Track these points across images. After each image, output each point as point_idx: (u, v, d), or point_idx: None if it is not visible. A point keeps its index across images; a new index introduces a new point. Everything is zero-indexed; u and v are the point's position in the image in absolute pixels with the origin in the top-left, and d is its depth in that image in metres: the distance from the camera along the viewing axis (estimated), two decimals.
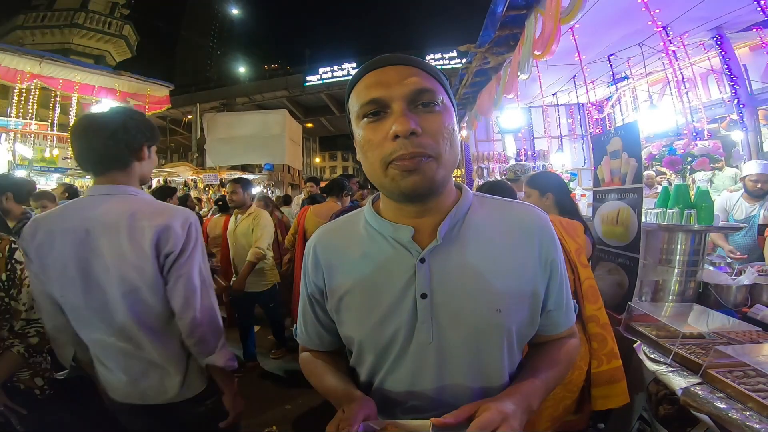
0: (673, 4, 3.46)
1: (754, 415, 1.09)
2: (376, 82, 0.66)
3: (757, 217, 3.09)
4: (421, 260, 0.69)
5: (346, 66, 24.45)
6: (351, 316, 0.75)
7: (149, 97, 7.57)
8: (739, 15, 3.74)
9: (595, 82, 5.79)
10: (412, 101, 0.64)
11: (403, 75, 0.65)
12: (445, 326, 0.69)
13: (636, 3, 3.02)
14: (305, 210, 3.61)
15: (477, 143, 8.18)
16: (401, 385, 0.72)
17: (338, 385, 0.75)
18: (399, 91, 0.64)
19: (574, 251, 1.62)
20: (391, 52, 0.71)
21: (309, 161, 33.91)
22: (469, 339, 0.70)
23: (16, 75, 6.17)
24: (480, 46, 4.69)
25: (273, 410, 2.95)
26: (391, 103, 0.64)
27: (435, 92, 0.66)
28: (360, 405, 0.64)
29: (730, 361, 1.31)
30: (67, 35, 32.00)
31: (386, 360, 0.73)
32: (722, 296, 1.95)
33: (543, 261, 0.74)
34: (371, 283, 0.73)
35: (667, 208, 2.05)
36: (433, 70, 0.70)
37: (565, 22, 2.82)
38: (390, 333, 0.71)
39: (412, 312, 0.70)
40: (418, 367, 0.71)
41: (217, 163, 12.25)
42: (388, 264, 0.72)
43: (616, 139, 2.20)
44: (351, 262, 0.76)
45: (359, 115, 0.67)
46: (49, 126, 7.27)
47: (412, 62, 0.68)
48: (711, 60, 4.73)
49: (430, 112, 0.65)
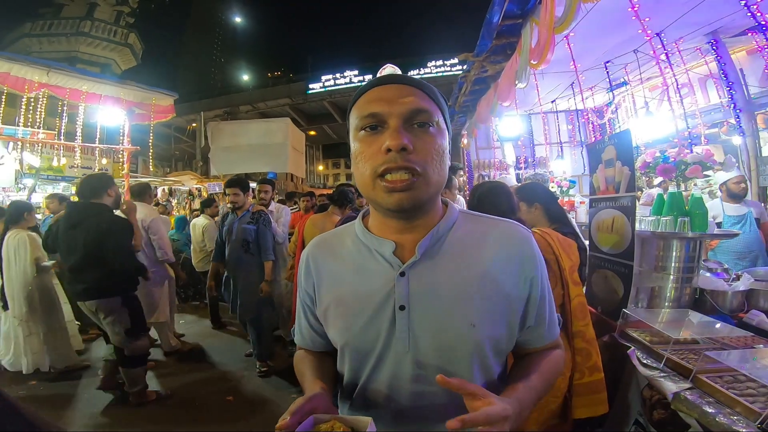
0: (666, 10, 3.49)
1: (741, 420, 1.11)
2: (377, 97, 0.70)
3: (750, 213, 3.38)
4: (401, 274, 0.73)
5: (348, 74, 24.53)
6: (336, 323, 0.79)
7: (154, 106, 7.65)
8: (734, 19, 3.76)
9: (594, 88, 5.82)
10: (408, 120, 0.68)
11: (402, 93, 0.70)
12: (420, 337, 0.73)
13: (628, 11, 3.06)
14: (305, 219, 3.71)
15: (478, 150, 8.21)
16: (381, 391, 0.76)
17: (308, 379, 0.80)
18: (397, 109, 0.68)
19: (568, 268, 1.65)
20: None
21: (312, 169, 34.02)
22: (442, 350, 0.73)
23: (25, 84, 6.26)
24: (477, 55, 4.75)
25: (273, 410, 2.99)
26: (388, 119, 0.68)
27: (431, 113, 0.70)
28: (308, 399, 0.67)
29: (720, 366, 1.34)
30: (73, 43, 32.46)
31: (366, 366, 0.77)
32: (718, 302, 1.97)
33: (522, 278, 0.77)
34: (355, 294, 0.77)
35: (662, 216, 2.08)
36: (432, 91, 0.74)
37: (559, 31, 2.87)
38: (370, 340, 0.75)
39: (390, 322, 0.74)
40: (396, 375, 0.75)
41: (221, 171, 12.33)
42: (372, 276, 0.76)
43: (610, 147, 2.23)
44: (338, 273, 0.81)
45: (357, 127, 0.71)
46: (57, 135, 7.35)
47: (414, 83, 0.73)
48: (709, 65, 4.75)
49: (424, 132, 0.69)
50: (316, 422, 0.64)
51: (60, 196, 5.02)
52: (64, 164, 8.60)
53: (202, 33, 67.58)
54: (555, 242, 1.66)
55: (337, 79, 24.51)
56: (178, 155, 28.48)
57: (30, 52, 25.53)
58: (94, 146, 7.68)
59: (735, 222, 3.39)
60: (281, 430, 0.61)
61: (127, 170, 7.68)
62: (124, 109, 7.15)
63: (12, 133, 7.27)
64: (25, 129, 7.14)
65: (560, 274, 1.61)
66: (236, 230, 3.61)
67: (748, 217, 3.39)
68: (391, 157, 0.66)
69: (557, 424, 1.61)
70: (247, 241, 3.58)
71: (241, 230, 3.60)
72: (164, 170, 22.70)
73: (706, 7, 3.44)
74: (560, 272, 1.62)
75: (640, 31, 3.42)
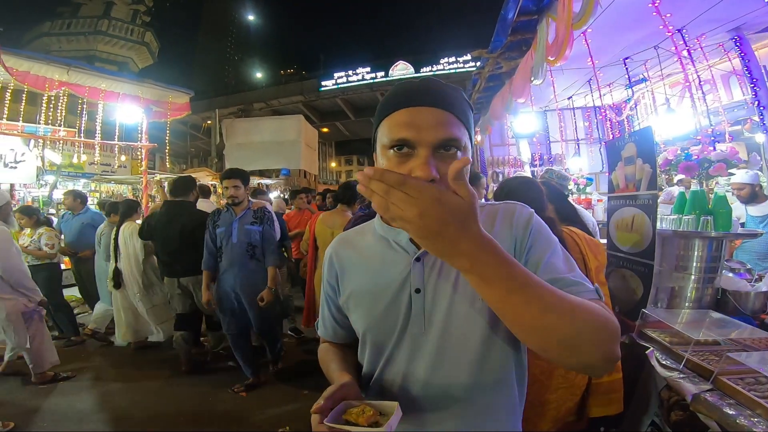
0: (687, 7, 3.41)
1: (762, 422, 1.09)
2: (409, 122, 0.69)
3: None
4: (416, 259, 0.79)
5: (360, 71, 24.50)
6: (358, 310, 0.85)
7: (171, 104, 7.76)
8: (757, 16, 3.66)
9: (612, 84, 5.72)
10: (438, 148, 0.68)
11: (435, 121, 0.69)
12: (436, 319, 0.77)
13: (648, 7, 2.99)
14: (316, 217, 3.70)
15: (492, 147, 8.15)
16: (398, 375, 0.80)
17: (335, 370, 0.85)
18: (428, 138, 0.67)
19: (594, 269, 1.63)
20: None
21: (325, 166, 34.20)
22: (459, 331, 0.76)
23: (45, 82, 6.39)
24: (492, 51, 4.71)
25: (286, 407, 3.05)
26: (417, 147, 0.68)
27: (459, 140, 0.70)
28: (339, 387, 0.72)
29: (741, 368, 1.31)
30: (92, 42, 33.17)
31: (385, 350, 0.82)
32: (740, 303, 1.93)
33: (520, 239, 0.77)
34: (375, 282, 0.83)
35: (684, 215, 2.04)
36: (462, 110, 0.73)
37: (578, 27, 2.82)
38: (390, 324, 0.80)
39: (407, 305, 0.79)
40: (412, 358, 0.79)
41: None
42: (389, 263, 0.82)
43: (631, 144, 2.20)
44: (359, 263, 0.87)
45: (386, 146, 0.71)
46: (77, 132, 7.52)
47: (446, 104, 0.71)
48: (732, 61, 4.63)
49: (451, 156, 0.69)
50: (347, 407, 0.68)
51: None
52: (84, 161, 8.78)
53: (216, 31, 68.33)
54: (582, 242, 1.64)
55: (349, 76, 24.53)
56: (193, 152, 28.91)
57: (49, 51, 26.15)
58: (113, 143, 7.82)
59: (759, 222, 3.31)
60: (316, 413, 0.66)
61: (145, 167, 7.82)
62: (142, 107, 7.27)
63: (33, 130, 7.45)
64: (47, 127, 7.31)
65: (587, 274, 1.60)
66: (237, 232, 3.10)
67: None
68: None
69: (573, 422, 1.60)
70: (252, 246, 3.12)
71: (244, 232, 3.11)
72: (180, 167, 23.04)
73: (730, 3, 3.35)
74: (587, 272, 1.60)
75: (661, 27, 3.35)
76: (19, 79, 6.13)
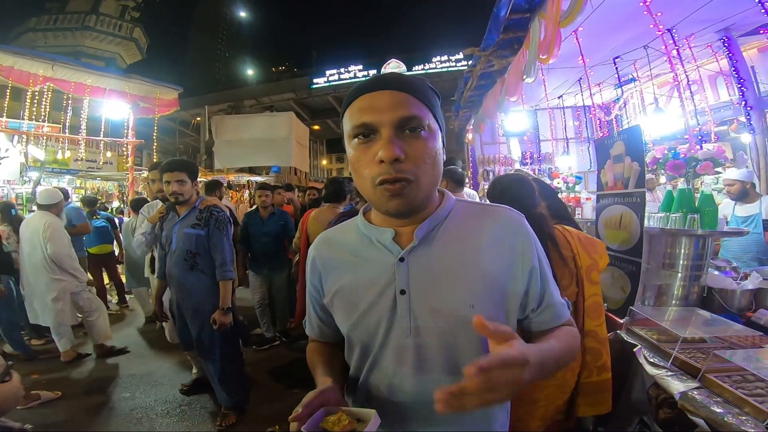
0: (677, 6, 3.44)
1: (749, 420, 1.09)
2: (368, 106, 0.70)
3: (759, 215, 3.27)
4: (400, 259, 0.76)
5: (352, 68, 24.50)
6: (341, 310, 0.83)
7: (159, 100, 7.64)
8: (746, 17, 3.71)
9: (602, 84, 5.76)
10: (400, 127, 0.69)
11: (393, 101, 0.69)
12: (422, 320, 0.75)
13: (639, 6, 3.01)
14: (308, 214, 3.66)
15: (483, 146, 8.17)
16: (384, 380, 0.78)
17: (320, 374, 0.82)
18: (388, 117, 0.68)
19: (585, 267, 1.62)
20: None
21: (316, 163, 34.02)
22: (445, 333, 0.74)
23: (29, 78, 6.26)
24: (484, 49, 4.71)
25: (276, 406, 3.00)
26: (379, 128, 0.69)
27: (422, 118, 0.70)
28: (318, 393, 0.70)
29: (729, 365, 1.32)
30: (78, 38, 32.57)
31: (370, 353, 0.80)
32: (726, 300, 1.95)
33: (522, 264, 0.78)
34: (357, 281, 0.80)
35: (671, 213, 2.05)
36: (422, 93, 0.73)
37: (564, 25, 2.83)
38: (373, 325, 0.78)
39: (392, 307, 0.76)
40: (398, 361, 0.76)
41: (225, 165, 12.34)
42: (373, 264, 0.79)
43: (619, 143, 2.21)
44: (341, 263, 0.84)
45: (351, 135, 0.73)
46: (61, 128, 7.37)
47: (404, 86, 0.71)
48: (719, 62, 4.69)
49: (416, 137, 0.70)
50: (325, 414, 0.68)
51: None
52: (68, 157, 8.63)
53: (206, 27, 67.60)
54: (574, 240, 1.62)
55: (341, 74, 24.49)
56: (182, 149, 28.50)
57: (35, 47, 25.66)
58: (98, 139, 7.68)
59: (742, 222, 3.33)
60: (294, 420, 0.65)
61: (131, 163, 7.69)
62: (129, 103, 7.15)
63: (17, 126, 7.30)
64: (30, 122, 7.16)
65: (576, 272, 1.59)
66: (176, 237, 2.54)
67: (755, 219, 3.30)
68: (384, 169, 0.68)
69: (561, 420, 1.59)
70: (191, 253, 2.51)
71: (182, 237, 2.52)
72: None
73: (719, 3, 3.39)
74: (576, 270, 1.59)
75: (651, 26, 3.37)
76: (3, 74, 6.01)
